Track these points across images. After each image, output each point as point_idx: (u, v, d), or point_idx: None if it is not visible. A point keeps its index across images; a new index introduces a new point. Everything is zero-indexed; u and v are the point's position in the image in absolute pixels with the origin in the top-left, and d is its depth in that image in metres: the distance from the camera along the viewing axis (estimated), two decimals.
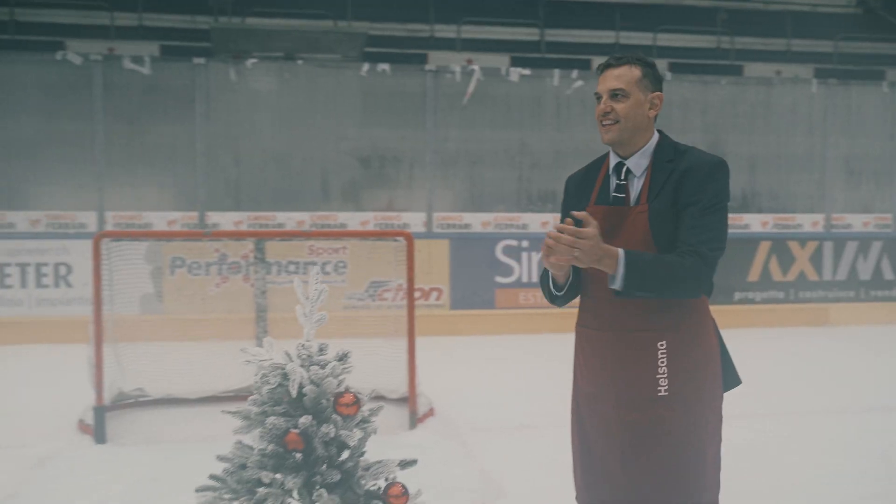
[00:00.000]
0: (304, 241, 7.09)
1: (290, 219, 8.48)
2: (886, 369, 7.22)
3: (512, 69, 8.87)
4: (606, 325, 2.60)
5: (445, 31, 12.41)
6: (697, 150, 2.67)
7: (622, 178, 2.65)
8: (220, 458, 2.23)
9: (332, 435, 2.17)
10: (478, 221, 8.88)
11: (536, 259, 8.62)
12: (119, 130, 8.57)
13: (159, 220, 8.47)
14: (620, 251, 2.42)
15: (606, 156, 2.73)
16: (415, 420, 5.31)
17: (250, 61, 8.66)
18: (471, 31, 12.34)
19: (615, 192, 2.65)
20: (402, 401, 5.56)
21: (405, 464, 2.32)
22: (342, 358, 2.27)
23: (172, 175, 8.73)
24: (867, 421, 5.50)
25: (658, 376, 2.53)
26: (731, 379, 2.68)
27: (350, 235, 6.96)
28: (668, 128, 8.33)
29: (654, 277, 2.47)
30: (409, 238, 5.37)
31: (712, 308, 2.78)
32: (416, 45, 12.27)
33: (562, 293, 2.67)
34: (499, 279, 8.60)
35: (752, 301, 9.00)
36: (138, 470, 4.52)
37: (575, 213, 2.43)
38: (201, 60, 8.56)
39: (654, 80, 2.66)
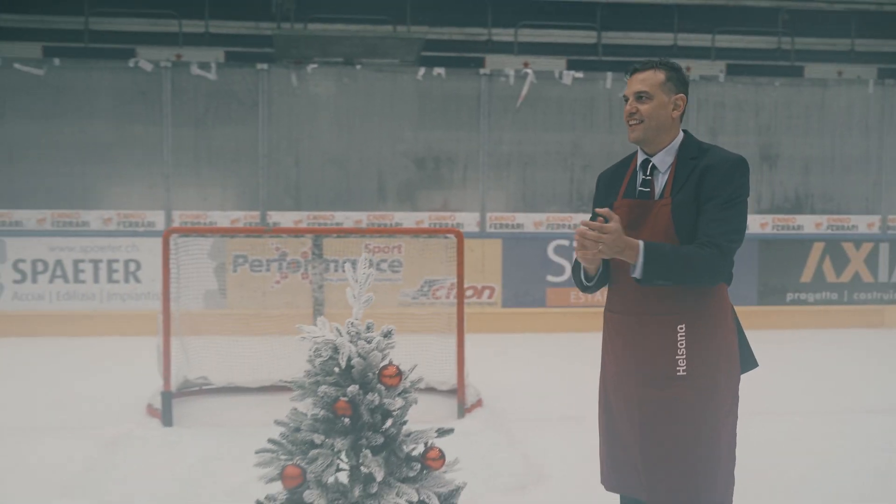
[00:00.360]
0: (359, 237, 7.39)
1: (348, 218, 8.82)
2: None
3: (565, 72, 9.07)
4: (630, 309, 2.82)
5: (503, 34, 12.53)
6: (720, 148, 2.84)
7: (648, 173, 2.87)
8: (278, 423, 2.52)
9: (376, 403, 2.44)
10: (530, 221, 9.12)
11: None
12: (186, 133, 9.01)
13: (223, 218, 8.89)
14: (640, 243, 2.61)
15: (635, 154, 2.96)
16: (463, 410, 5.57)
17: (311, 66, 9.03)
18: (528, 35, 12.45)
19: (641, 186, 2.87)
20: (452, 392, 5.83)
21: (442, 431, 2.57)
22: (387, 335, 2.54)
23: (236, 176, 9.14)
24: None
25: (677, 357, 2.73)
26: (748, 362, 2.87)
27: (402, 232, 7.26)
28: (722, 129, 8.45)
29: (672, 267, 2.66)
30: (459, 235, 5.63)
31: (764, 308, 3.00)
32: (473, 48, 12.44)
33: (592, 283, 2.91)
34: (550, 278, 8.80)
35: (804, 302, 9.02)
36: (202, 449, 4.87)
37: (598, 210, 2.68)
38: (264, 66, 8.96)
39: (677, 83, 2.85)
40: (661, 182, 2.86)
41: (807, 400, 6.07)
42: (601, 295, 3.02)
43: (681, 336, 2.73)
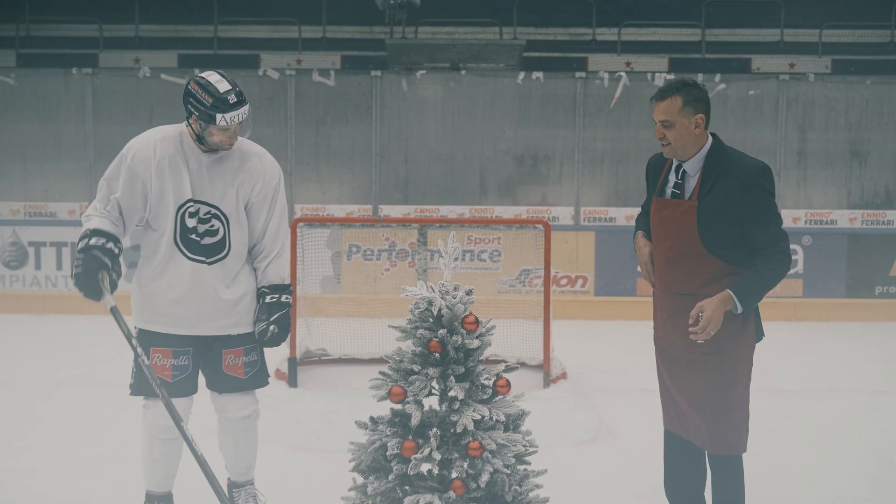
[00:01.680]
0: (458, 228, 8.31)
1: (452, 211, 9.71)
2: None
3: (657, 74, 9.77)
4: (663, 289, 3.54)
5: (606, 34, 12.94)
6: (742, 155, 3.38)
7: (680, 178, 3.43)
8: (386, 357, 3.46)
9: (459, 343, 3.34)
10: (622, 215, 9.83)
11: None
12: (307, 134, 10.08)
13: (339, 211, 9.89)
14: (729, 292, 3.23)
15: None
16: (548, 381, 6.39)
17: (420, 72, 9.99)
18: (631, 34, 12.82)
19: (673, 188, 3.45)
20: (540, 366, 6.69)
21: (509, 368, 3.46)
22: (468, 292, 3.45)
23: (351, 172, 10.16)
24: None
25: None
26: (759, 333, 3.47)
27: (495, 223, 8.16)
28: (812, 127, 9.06)
29: (759, 292, 3.28)
30: (547, 225, 6.47)
31: (851, 301, 3.64)
32: (577, 48, 12.91)
33: None
34: (640, 269, 9.51)
35: (894, 295, 9.44)
36: (322, 405, 5.78)
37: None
38: (377, 73, 9.93)
39: (695, 104, 3.32)
40: (691, 184, 3.41)
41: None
42: None
43: (701, 314, 3.29)
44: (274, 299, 3.63)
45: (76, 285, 3.41)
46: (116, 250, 3.45)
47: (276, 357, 6.87)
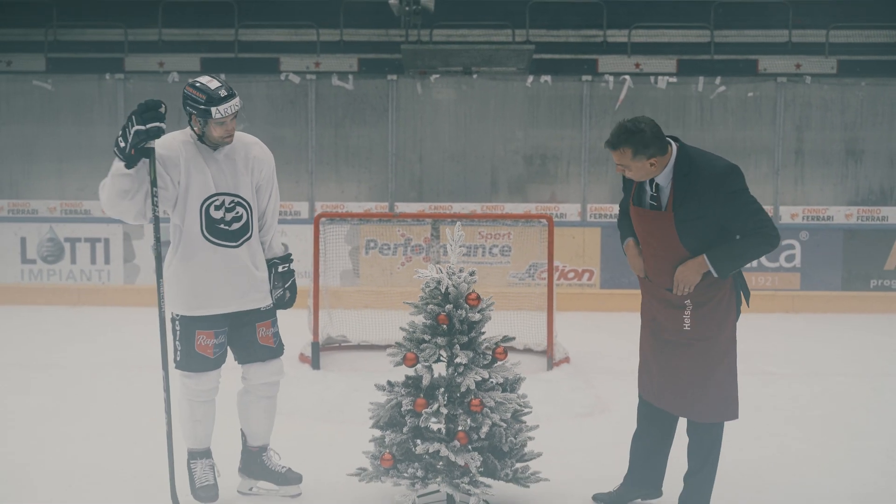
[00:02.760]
0: (470, 224, 8.94)
1: (464, 208, 10.26)
2: None
3: (660, 77, 10.41)
4: (655, 282, 3.94)
5: (617, 35, 13.26)
6: (706, 157, 3.69)
7: (654, 190, 3.76)
8: (402, 328, 4.13)
9: (463, 316, 4.00)
10: None
11: None
12: (327, 135, 10.72)
13: (357, 208, 10.48)
14: (703, 256, 3.65)
15: None
16: (551, 364, 7.02)
17: (433, 76, 10.63)
18: (641, 35, 13.13)
19: (651, 200, 3.79)
20: (544, 352, 7.33)
21: (506, 339, 4.13)
22: (471, 273, 4.11)
23: (368, 172, 10.80)
24: None
25: (683, 316, 3.81)
26: (738, 311, 3.87)
27: (502, 217, 8.80)
28: (809, 126, 9.63)
29: (735, 258, 3.66)
30: (550, 219, 7.12)
31: (848, 293, 4.17)
32: (588, 50, 13.30)
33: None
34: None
35: (888, 288, 10.03)
36: (342, 385, 6.40)
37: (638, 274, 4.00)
38: (394, 77, 10.53)
39: (645, 151, 3.62)
40: (665, 195, 3.72)
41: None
42: None
43: (687, 303, 3.78)
44: (285, 269, 4.32)
45: (120, 152, 3.90)
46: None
47: (299, 342, 7.54)
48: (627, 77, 10.32)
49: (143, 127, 3.81)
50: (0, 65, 12.75)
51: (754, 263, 9.53)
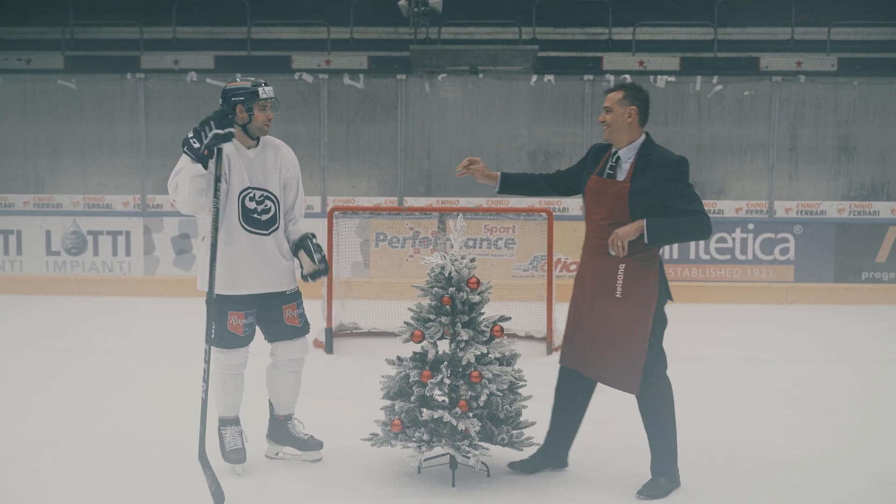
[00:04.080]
0: (474, 217, 9.51)
1: (471, 203, 10.73)
2: None
3: (660, 76, 10.96)
4: (592, 251, 4.44)
5: (622, 33, 13.68)
6: (666, 151, 4.29)
7: (614, 162, 4.34)
8: (410, 309, 4.72)
9: (465, 298, 4.57)
10: None
11: None
12: (338, 132, 11.28)
13: (367, 203, 11.01)
14: (644, 220, 4.14)
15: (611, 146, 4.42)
16: (550, 349, 7.57)
17: (441, 76, 11.17)
18: (645, 33, 13.55)
19: (608, 170, 4.36)
20: (545, 338, 7.90)
21: (503, 318, 4.70)
22: (472, 260, 4.69)
23: (378, 167, 11.36)
24: None
25: (616, 285, 4.30)
26: (664, 294, 4.34)
27: (504, 211, 9.36)
28: (803, 124, 10.27)
29: (669, 231, 4.18)
30: (550, 213, 7.70)
31: (840, 286, 5.07)
32: (593, 48, 13.74)
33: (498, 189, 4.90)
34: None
35: (879, 280, 10.55)
36: (354, 368, 6.98)
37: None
38: (403, 76, 11.07)
39: (631, 100, 4.29)
40: (624, 169, 4.29)
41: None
42: (689, 270, 4.64)
43: (620, 273, 4.29)
44: (315, 242, 4.88)
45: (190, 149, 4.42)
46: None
47: (314, 328, 8.02)
48: (627, 76, 10.84)
49: (221, 131, 4.39)
50: (20, 63, 13.30)
51: (749, 255, 10.11)
